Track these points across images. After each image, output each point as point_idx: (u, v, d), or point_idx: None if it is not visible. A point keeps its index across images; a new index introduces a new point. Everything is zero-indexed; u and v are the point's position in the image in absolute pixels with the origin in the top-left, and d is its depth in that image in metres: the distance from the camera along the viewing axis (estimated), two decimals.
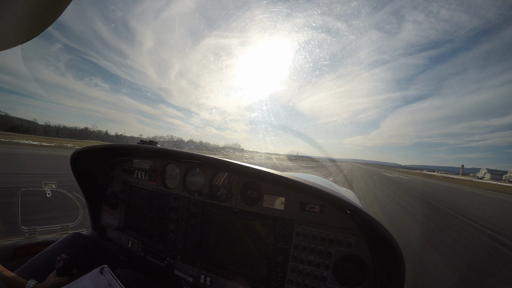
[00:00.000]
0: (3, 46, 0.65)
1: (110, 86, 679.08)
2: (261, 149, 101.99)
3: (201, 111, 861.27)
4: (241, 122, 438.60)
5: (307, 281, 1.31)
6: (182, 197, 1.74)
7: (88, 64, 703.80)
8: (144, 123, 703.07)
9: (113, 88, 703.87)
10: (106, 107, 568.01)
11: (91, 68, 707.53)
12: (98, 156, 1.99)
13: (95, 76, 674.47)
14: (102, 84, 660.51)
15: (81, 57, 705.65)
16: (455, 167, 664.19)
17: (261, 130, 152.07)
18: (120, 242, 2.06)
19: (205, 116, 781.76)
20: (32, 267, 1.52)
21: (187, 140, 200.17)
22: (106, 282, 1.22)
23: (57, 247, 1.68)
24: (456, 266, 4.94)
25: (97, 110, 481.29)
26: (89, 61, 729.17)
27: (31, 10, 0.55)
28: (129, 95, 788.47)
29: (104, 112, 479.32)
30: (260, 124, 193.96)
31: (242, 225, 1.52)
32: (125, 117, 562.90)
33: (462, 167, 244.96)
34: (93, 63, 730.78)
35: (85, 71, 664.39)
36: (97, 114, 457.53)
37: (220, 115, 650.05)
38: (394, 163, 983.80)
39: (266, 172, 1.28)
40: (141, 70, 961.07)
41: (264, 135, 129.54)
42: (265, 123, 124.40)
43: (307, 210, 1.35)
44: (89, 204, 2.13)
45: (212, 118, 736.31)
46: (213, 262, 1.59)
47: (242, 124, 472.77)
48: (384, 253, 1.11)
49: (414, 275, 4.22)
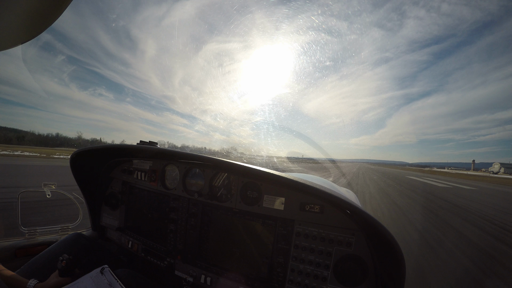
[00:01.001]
0: (3, 46, 0.65)
1: (114, 96, 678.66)
2: (269, 152, 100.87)
3: (206, 117, 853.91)
4: (246, 126, 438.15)
5: (307, 281, 1.31)
6: (182, 198, 1.74)
7: (92, 75, 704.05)
8: (150, 131, 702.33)
9: (118, 97, 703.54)
10: (112, 116, 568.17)
11: (95, 78, 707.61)
12: (97, 157, 1.99)
13: (99, 86, 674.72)
14: (107, 93, 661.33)
15: (85, 68, 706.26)
16: (464, 162, 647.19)
17: (266, 133, 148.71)
18: (120, 242, 2.06)
19: (210, 122, 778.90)
20: (33, 268, 1.52)
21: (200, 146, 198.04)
22: (107, 282, 1.22)
23: (58, 247, 1.68)
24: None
25: (102, 120, 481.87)
26: (92, 72, 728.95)
27: (31, 10, 0.56)
28: (133, 104, 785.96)
29: (109, 122, 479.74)
30: (264, 128, 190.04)
31: (242, 225, 1.52)
32: (131, 125, 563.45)
33: (473, 162, 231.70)
34: (97, 73, 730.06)
35: (89, 82, 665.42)
36: (103, 124, 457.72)
37: (224, 120, 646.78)
38: (401, 162, 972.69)
39: (266, 173, 1.28)
40: (144, 78, 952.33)
41: (269, 138, 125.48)
42: (270, 125, 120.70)
43: (307, 210, 1.35)
44: (89, 205, 2.13)
45: (217, 124, 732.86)
46: (213, 262, 1.59)
47: (248, 129, 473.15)
48: (384, 253, 1.11)
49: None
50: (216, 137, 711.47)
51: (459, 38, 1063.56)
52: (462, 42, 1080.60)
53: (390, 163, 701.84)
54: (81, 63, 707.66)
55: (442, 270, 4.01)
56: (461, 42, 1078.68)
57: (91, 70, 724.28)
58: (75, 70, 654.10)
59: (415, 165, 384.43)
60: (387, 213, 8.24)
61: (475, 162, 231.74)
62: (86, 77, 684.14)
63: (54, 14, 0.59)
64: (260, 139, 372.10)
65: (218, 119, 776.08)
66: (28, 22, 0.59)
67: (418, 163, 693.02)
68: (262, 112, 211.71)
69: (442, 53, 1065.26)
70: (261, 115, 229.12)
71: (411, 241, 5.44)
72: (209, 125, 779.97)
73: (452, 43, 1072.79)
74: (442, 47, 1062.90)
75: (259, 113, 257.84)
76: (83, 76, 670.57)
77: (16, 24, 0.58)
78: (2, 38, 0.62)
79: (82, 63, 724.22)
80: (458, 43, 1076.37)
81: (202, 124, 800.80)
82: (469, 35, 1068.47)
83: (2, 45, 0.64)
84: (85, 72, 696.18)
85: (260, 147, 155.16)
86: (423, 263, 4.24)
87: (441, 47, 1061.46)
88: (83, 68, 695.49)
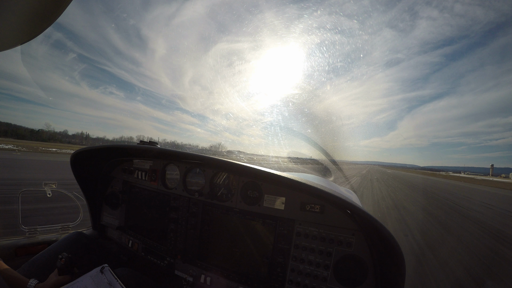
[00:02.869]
0: (3, 46, 0.65)
1: (125, 94, 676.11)
2: (277, 153, 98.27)
3: (216, 117, 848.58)
4: (256, 126, 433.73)
5: (307, 281, 1.32)
6: (183, 197, 1.74)
7: (103, 73, 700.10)
8: (161, 129, 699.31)
9: (128, 95, 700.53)
10: (122, 114, 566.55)
11: (106, 76, 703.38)
12: (98, 156, 1.99)
13: (110, 85, 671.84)
14: (117, 92, 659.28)
15: (95, 66, 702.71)
16: (479, 167, 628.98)
17: (275, 134, 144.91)
18: (120, 241, 2.07)
19: (221, 121, 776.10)
20: (33, 267, 1.52)
21: None
22: (107, 281, 1.22)
23: (58, 246, 1.68)
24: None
25: (113, 118, 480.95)
26: (103, 70, 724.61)
27: (31, 10, 0.55)
28: (144, 102, 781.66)
29: (120, 120, 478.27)
30: (273, 128, 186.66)
31: (242, 225, 1.52)
32: (141, 124, 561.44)
33: (492, 167, 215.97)
34: (107, 71, 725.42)
35: (99, 80, 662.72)
36: (113, 122, 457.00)
37: (235, 120, 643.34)
38: (412, 165, 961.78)
39: (266, 172, 1.28)
40: (154, 77, 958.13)
41: (279, 139, 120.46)
42: (277, 126, 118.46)
43: (307, 210, 1.35)
44: (89, 204, 2.14)
45: (228, 123, 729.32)
46: (213, 262, 1.59)
47: (257, 129, 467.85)
48: (385, 253, 1.11)
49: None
50: (226, 136, 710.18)
51: (472, 40, 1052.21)
52: (475, 44, 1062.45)
53: (401, 166, 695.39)
54: (91, 62, 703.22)
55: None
56: (474, 44, 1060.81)
57: (101, 68, 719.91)
58: (86, 68, 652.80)
59: (428, 169, 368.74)
60: None
61: (494, 166, 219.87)
62: (97, 75, 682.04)
63: (54, 14, 0.59)
64: (268, 140, 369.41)
65: (228, 119, 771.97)
66: (28, 22, 0.58)
67: (430, 166, 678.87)
68: (271, 112, 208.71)
69: (454, 54, 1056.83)
70: (271, 116, 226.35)
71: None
72: (219, 124, 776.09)
73: (465, 44, 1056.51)
74: (455, 49, 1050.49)
75: (269, 113, 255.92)
76: (94, 74, 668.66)
77: (16, 24, 0.57)
78: (2, 38, 0.62)
79: (93, 61, 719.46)
80: (471, 44, 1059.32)
81: (213, 124, 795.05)
82: (482, 36, 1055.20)
83: (2, 45, 0.64)
84: (96, 70, 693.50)
85: (269, 148, 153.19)
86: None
87: (454, 49, 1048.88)
88: (94, 67, 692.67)
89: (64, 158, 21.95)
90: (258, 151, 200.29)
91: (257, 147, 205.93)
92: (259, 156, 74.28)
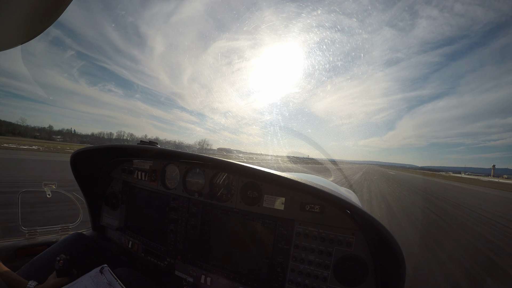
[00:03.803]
0: (3, 46, 0.65)
1: (123, 92, 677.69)
2: (277, 152, 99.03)
3: (215, 115, 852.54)
4: (255, 125, 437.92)
5: (307, 281, 1.31)
6: (182, 198, 1.74)
7: (101, 70, 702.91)
8: (159, 127, 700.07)
9: (127, 93, 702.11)
10: (121, 112, 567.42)
11: (104, 74, 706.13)
12: (98, 157, 1.99)
13: (109, 82, 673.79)
14: (116, 89, 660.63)
15: (94, 63, 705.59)
16: (479, 167, 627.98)
17: (274, 133, 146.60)
18: (120, 242, 2.06)
19: (220, 120, 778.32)
20: (33, 268, 1.52)
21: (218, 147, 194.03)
22: (106, 282, 1.22)
23: (58, 247, 1.68)
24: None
25: (111, 116, 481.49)
26: (101, 67, 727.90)
27: (31, 10, 0.56)
28: (142, 100, 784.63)
29: (118, 117, 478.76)
30: (272, 127, 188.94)
31: (242, 225, 1.52)
32: (140, 122, 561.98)
33: (494, 168, 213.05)
34: (106, 69, 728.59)
35: (98, 77, 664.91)
36: (112, 120, 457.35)
37: (234, 118, 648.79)
38: (410, 164, 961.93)
39: (266, 172, 1.28)
40: (153, 75, 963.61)
41: (278, 138, 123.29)
42: (278, 126, 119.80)
43: (307, 210, 1.35)
44: (89, 204, 2.13)
45: (227, 122, 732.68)
46: (214, 262, 1.59)
47: (256, 128, 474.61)
48: (385, 253, 1.11)
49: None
50: (225, 134, 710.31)
51: (472, 40, 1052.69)
52: (475, 44, 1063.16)
53: (400, 166, 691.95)
54: (90, 59, 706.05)
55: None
56: (474, 44, 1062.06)
57: (100, 66, 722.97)
58: (85, 66, 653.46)
59: (426, 169, 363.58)
60: None
61: (495, 167, 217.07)
62: (96, 72, 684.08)
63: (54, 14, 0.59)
64: (267, 139, 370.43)
65: (227, 117, 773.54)
66: (28, 22, 0.59)
67: (428, 166, 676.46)
68: (270, 111, 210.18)
69: (454, 54, 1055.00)
70: (270, 115, 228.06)
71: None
72: (217, 123, 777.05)
73: (465, 44, 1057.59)
74: (455, 49, 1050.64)
75: (268, 112, 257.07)
76: (93, 72, 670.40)
77: (16, 24, 0.58)
78: (2, 38, 0.62)
79: (91, 58, 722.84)
80: (471, 44, 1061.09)
81: (211, 122, 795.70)
82: (482, 36, 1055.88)
83: (2, 45, 0.64)
84: (95, 67, 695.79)
85: (268, 147, 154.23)
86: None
87: (454, 49, 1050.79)
88: (92, 64, 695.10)
89: (13, 156, 20.02)
90: (257, 150, 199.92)
91: (256, 146, 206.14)
92: (257, 155, 73.65)
